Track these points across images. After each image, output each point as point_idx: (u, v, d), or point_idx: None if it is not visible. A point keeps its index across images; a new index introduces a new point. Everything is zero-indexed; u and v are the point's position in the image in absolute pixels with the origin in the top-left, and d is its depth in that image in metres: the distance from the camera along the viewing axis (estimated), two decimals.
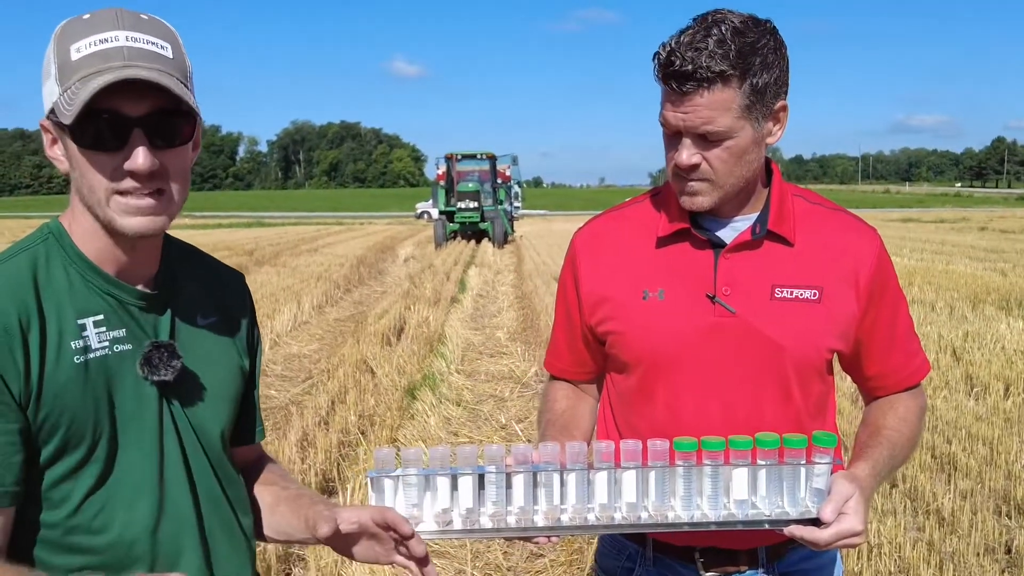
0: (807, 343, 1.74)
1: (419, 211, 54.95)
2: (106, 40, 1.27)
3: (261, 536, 1.62)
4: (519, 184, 38.28)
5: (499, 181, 30.58)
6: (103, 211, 1.31)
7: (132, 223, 1.31)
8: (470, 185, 28.73)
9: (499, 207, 29.24)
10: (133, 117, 1.28)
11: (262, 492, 1.63)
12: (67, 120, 1.25)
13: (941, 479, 5.51)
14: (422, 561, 1.50)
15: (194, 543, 1.43)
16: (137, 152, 1.27)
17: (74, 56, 1.27)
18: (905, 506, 5.07)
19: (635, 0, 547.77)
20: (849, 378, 1.95)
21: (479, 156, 30.53)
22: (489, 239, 27.90)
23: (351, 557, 1.53)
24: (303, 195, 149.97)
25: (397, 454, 1.60)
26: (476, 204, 28.28)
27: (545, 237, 32.43)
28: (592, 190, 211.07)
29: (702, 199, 1.70)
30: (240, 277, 1.66)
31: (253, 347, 1.62)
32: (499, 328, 11.52)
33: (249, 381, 1.61)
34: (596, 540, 2.20)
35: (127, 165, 1.28)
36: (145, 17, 1.33)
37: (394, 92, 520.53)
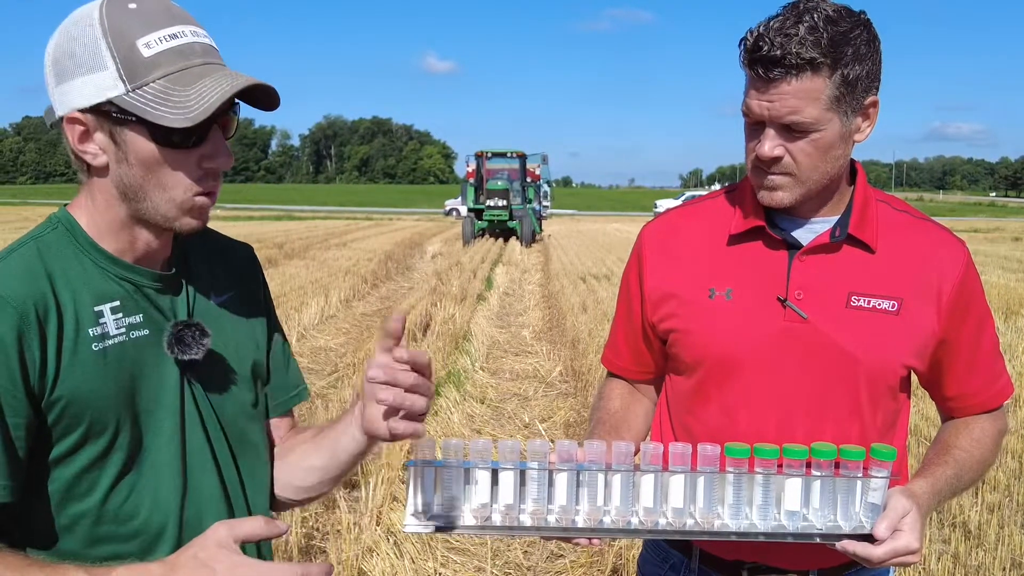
0: (882, 356, 1.64)
1: (448, 208, 55.11)
2: (176, 36, 1.27)
3: (275, 504, 1.59)
4: (548, 183, 38.25)
5: (528, 180, 30.55)
6: (170, 210, 1.31)
7: (193, 223, 1.34)
8: (499, 183, 28.73)
9: (528, 206, 29.21)
10: (214, 113, 1.26)
11: (286, 452, 1.59)
12: (181, 123, 1.23)
13: (968, 492, 5.44)
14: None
15: (219, 519, 1.41)
16: (220, 149, 1.30)
17: (145, 52, 1.24)
18: (931, 519, 5.01)
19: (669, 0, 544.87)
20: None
21: (509, 155, 30.53)
22: (517, 238, 27.90)
23: (376, 434, 1.40)
24: (333, 189, 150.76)
25: (438, 444, 1.54)
26: (505, 202, 28.27)
27: (573, 237, 32.40)
28: (621, 191, 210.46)
29: (782, 195, 1.62)
30: (248, 249, 1.63)
31: (268, 317, 1.60)
32: (525, 327, 11.50)
33: (267, 353, 1.58)
34: (632, 543, 2.15)
35: (208, 162, 1.30)
36: (178, 6, 1.33)
37: (426, 89, 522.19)
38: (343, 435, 1.48)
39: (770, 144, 1.58)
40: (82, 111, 1.27)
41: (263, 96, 1.33)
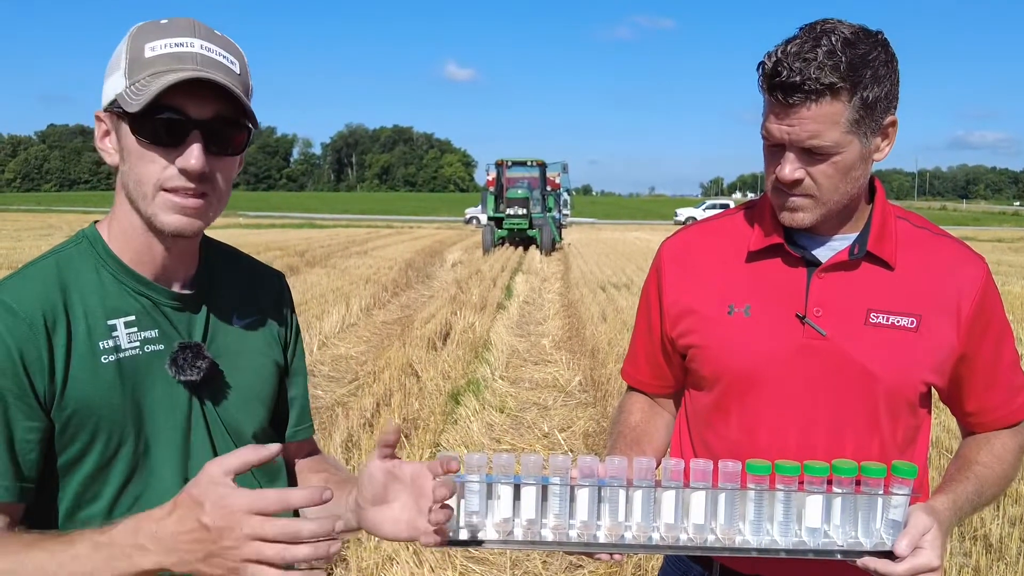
0: (901, 373, 1.65)
1: (468, 216, 55.24)
2: (181, 44, 1.33)
3: None
4: (568, 192, 38.25)
5: (548, 188, 30.61)
6: (147, 205, 1.34)
7: (172, 220, 1.34)
8: (519, 192, 28.79)
9: (548, 214, 29.27)
10: (195, 119, 1.32)
11: (310, 479, 1.64)
12: (133, 108, 1.28)
13: (990, 505, 5.39)
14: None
15: None
16: (191, 151, 1.31)
17: (148, 53, 1.32)
18: (952, 532, 4.97)
19: (690, 6, 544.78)
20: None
21: (529, 163, 30.59)
22: (537, 246, 27.93)
23: (382, 534, 1.46)
24: (354, 197, 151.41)
25: (461, 459, 1.55)
26: (525, 211, 28.34)
27: (593, 245, 32.39)
28: (642, 199, 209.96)
29: (803, 215, 1.63)
30: (278, 276, 1.68)
31: (290, 346, 1.64)
32: (544, 336, 11.51)
33: (285, 379, 1.62)
34: (652, 557, 2.13)
35: (179, 162, 1.31)
36: (218, 33, 1.39)
37: (446, 97, 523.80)
38: (339, 514, 1.50)
39: (791, 167, 1.59)
40: (105, 110, 1.36)
41: (242, 105, 1.35)
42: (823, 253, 1.70)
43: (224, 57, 1.36)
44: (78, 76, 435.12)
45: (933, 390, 1.76)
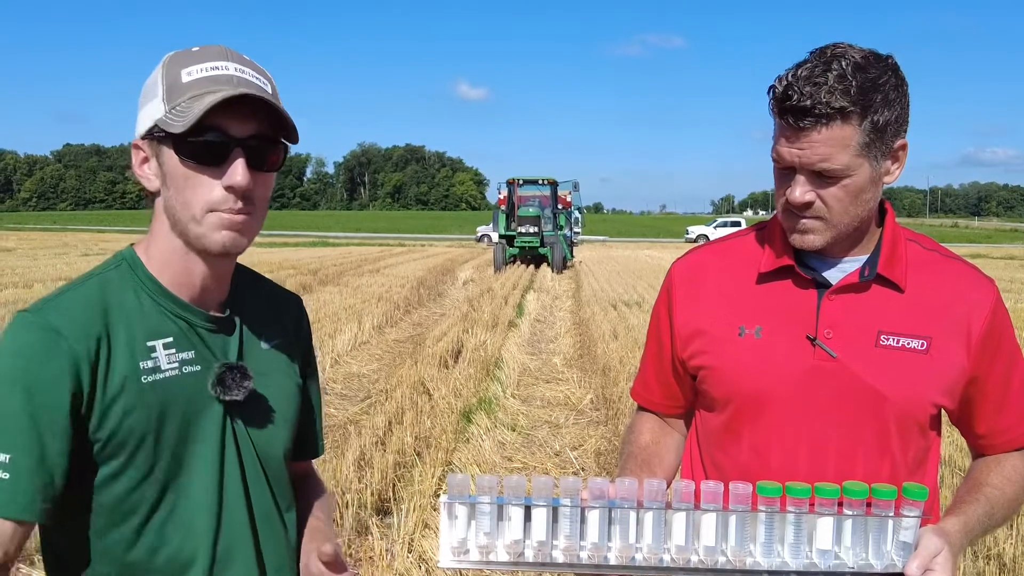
0: (911, 395, 1.65)
1: (479, 234, 55.32)
2: (217, 68, 1.37)
3: None
4: (579, 210, 38.31)
5: (560, 207, 30.71)
6: (194, 227, 1.37)
7: (221, 238, 1.37)
8: (531, 210, 28.92)
9: (559, 232, 29.34)
10: (236, 137, 1.35)
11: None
12: (177, 129, 1.32)
13: (1000, 527, 5.35)
14: None
15: (248, 558, 1.47)
16: (236, 168, 1.34)
17: (185, 78, 1.35)
18: (965, 551, 4.94)
19: (701, 25, 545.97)
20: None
21: (540, 182, 30.73)
22: (548, 264, 27.98)
23: None
24: (367, 216, 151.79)
25: (472, 480, 1.57)
26: (536, 229, 28.43)
27: (604, 263, 32.39)
28: (653, 217, 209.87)
29: (814, 238, 1.64)
30: (298, 300, 1.71)
31: (308, 368, 1.68)
32: (556, 354, 11.52)
33: (305, 400, 1.65)
34: None
35: (225, 180, 1.35)
36: (247, 58, 1.44)
37: (459, 116, 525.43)
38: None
39: (801, 190, 1.60)
40: (142, 138, 1.39)
41: (279, 122, 1.40)
42: (833, 275, 1.71)
43: (257, 79, 1.41)
44: (94, 96, 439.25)
45: (943, 412, 1.76)
